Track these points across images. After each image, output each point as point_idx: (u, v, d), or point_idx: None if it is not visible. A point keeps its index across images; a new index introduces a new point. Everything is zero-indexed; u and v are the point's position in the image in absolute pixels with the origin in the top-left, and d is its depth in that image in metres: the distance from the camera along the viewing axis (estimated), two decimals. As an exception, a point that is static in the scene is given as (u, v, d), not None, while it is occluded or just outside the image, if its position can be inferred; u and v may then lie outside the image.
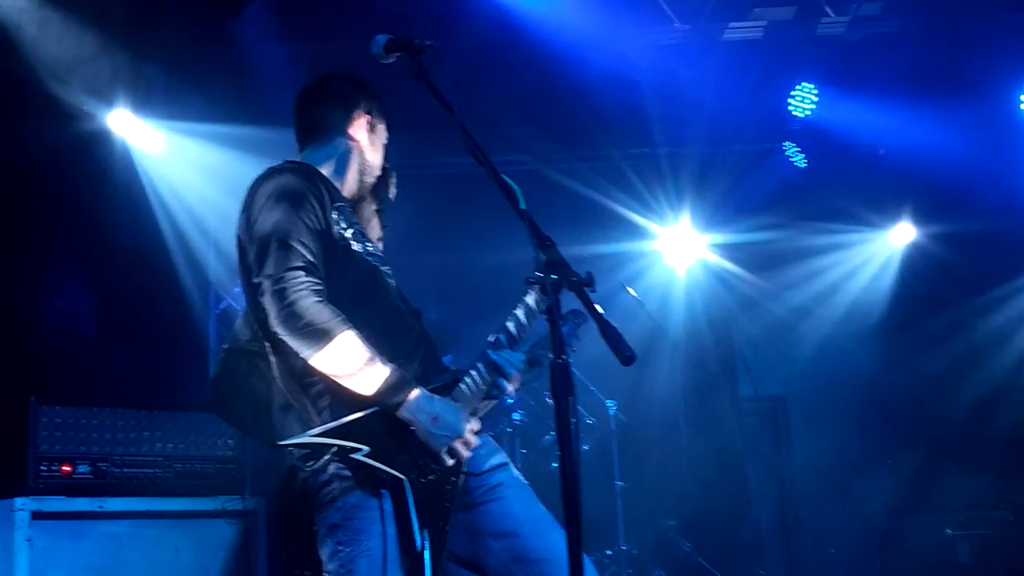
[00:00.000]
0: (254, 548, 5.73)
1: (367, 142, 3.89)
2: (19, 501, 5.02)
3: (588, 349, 4.08)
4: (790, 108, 8.84)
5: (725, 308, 10.30)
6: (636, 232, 9.81)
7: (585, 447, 8.27)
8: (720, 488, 9.78)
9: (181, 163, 8.13)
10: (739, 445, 10.29)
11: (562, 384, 2.90)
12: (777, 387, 10.80)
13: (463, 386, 3.60)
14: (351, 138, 3.86)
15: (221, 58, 8.16)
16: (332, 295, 3.40)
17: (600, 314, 2.93)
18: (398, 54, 3.50)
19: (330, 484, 3.39)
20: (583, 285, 2.96)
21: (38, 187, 6.85)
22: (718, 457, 9.84)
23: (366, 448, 3.32)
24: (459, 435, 3.43)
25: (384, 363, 3.36)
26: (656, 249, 10.05)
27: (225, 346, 4.21)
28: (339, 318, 3.32)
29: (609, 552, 8.12)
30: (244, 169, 8.53)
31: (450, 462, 3.45)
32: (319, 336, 3.29)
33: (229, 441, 5.83)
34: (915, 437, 10.06)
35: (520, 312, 3.73)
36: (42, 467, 5.20)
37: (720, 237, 10.02)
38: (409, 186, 9.38)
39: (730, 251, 10.13)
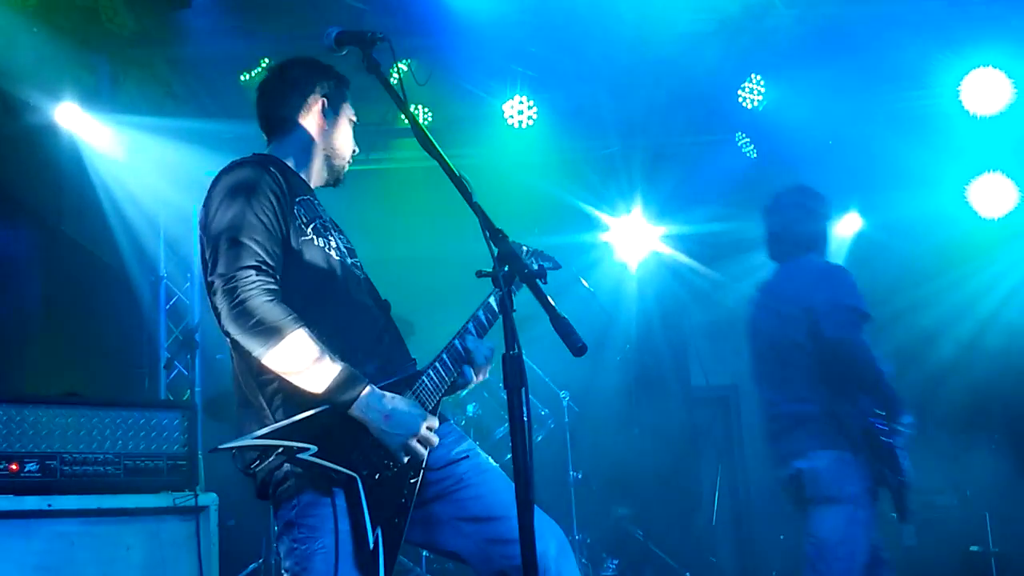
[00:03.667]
0: (207, 544, 5.70)
1: (328, 126, 3.83)
2: (-34, 500, 4.97)
3: (541, 340, 4.11)
4: (740, 99, 8.88)
5: (677, 299, 10.36)
6: (589, 223, 9.84)
7: (539, 438, 8.30)
8: (672, 477, 9.84)
9: (130, 157, 8.06)
10: (691, 435, 10.36)
11: (515, 376, 2.90)
12: (729, 377, 10.86)
13: (425, 378, 3.57)
14: (310, 125, 3.81)
15: (170, 51, 8.10)
16: (289, 290, 3.38)
17: (552, 306, 2.93)
18: (349, 47, 3.47)
19: (286, 481, 3.38)
20: (535, 277, 2.97)
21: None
22: (670, 446, 9.90)
23: (313, 448, 3.27)
24: (413, 433, 3.39)
25: (334, 361, 3.32)
26: (608, 240, 10.08)
27: None
28: (289, 316, 3.29)
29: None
30: (194, 163, 8.55)
31: (406, 459, 3.42)
32: (268, 335, 3.27)
33: (181, 437, 5.79)
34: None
35: (492, 302, 3.77)
36: (-11, 465, 5.14)
37: (672, 228, 10.06)
38: (373, 180, 9.39)
39: (682, 242, 10.18)
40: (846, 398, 5.35)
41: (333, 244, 3.65)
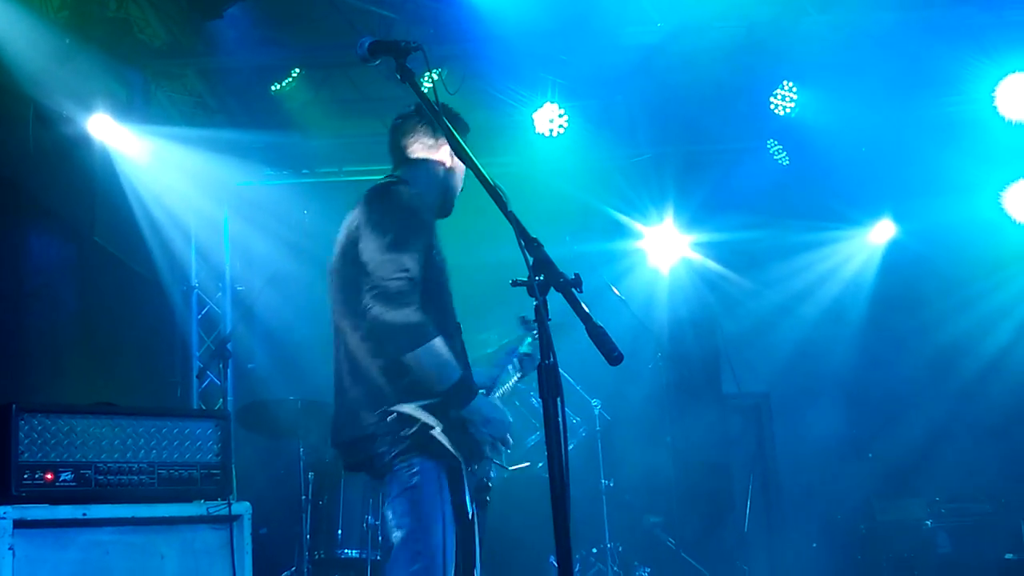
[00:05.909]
0: (240, 553, 5.70)
1: (451, 165, 4.25)
2: (1, 510, 4.98)
3: (573, 348, 4.14)
4: (772, 106, 8.84)
5: (708, 306, 10.32)
6: (620, 231, 9.82)
7: (570, 446, 8.24)
8: (704, 485, 9.80)
9: (161, 167, 8.09)
10: (723, 442, 10.31)
11: (550, 385, 2.90)
12: (760, 384, 10.81)
13: (500, 385, 4.25)
14: (440, 163, 4.22)
15: (201, 62, 8.13)
16: (425, 297, 3.78)
17: (587, 314, 2.92)
18: (383, 56, 3.47)
19: (408, 452, 3.77)
20: (570, 286, 2.95)
21: (17, 192, 6.80)
22: (702, 454, 9.86)
23: (441, 426, 3.74)
24: (500, 438, 3.98)
25: (457, 368, 3.77)
26: (641, 248, 10.06)
27: None
28: (424, 329, 3.71)
29: (595, 550, 8.14)
30: (225, 173, 8.57)
31: (490, 454, 3.98)
32: (411, 344, 3.70)
33: (214, 446, 5.79)
34: (895, 432, 10.10)
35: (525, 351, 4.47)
36: (24, 475, 5.14)
37: (703, 236, 10.03)
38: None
39: (713, 250, 10.15)
40: None
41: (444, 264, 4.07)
